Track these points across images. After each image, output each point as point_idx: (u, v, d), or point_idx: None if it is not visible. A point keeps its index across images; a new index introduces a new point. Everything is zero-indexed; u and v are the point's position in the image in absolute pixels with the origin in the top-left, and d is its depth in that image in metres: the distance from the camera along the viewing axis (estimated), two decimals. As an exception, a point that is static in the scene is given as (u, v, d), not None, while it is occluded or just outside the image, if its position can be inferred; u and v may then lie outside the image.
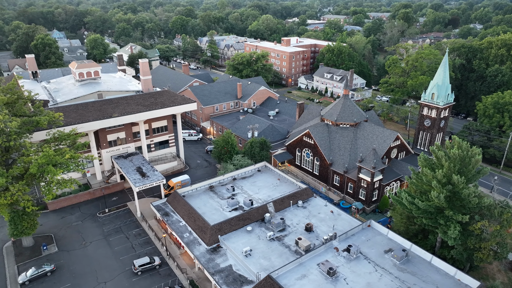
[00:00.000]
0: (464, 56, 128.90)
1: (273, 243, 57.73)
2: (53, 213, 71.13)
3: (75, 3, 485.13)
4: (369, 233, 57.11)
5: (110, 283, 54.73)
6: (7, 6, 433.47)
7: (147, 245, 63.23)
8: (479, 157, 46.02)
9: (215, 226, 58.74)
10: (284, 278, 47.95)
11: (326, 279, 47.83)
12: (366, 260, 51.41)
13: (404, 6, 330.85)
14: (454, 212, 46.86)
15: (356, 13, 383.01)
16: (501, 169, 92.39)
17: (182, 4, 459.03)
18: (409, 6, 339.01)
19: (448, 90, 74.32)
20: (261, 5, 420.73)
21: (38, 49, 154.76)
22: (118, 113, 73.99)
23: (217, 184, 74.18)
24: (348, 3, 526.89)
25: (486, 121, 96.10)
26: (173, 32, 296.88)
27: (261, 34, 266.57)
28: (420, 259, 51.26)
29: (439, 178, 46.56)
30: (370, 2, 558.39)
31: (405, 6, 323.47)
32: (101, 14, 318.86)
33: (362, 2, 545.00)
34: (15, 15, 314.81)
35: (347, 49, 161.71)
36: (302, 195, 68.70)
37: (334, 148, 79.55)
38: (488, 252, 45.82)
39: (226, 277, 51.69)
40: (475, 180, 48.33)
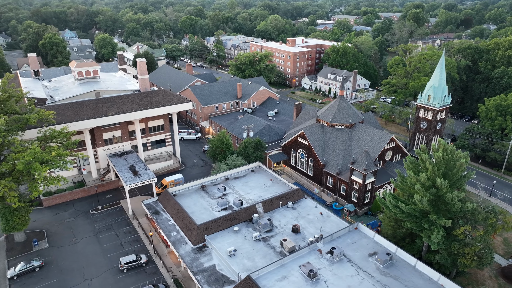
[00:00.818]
0: (469, 57, 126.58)
1: (258, 243, 57.61)
2: (47, 209, 72.36)
3: (89, 3, 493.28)
4: (356, 235, 56.49)
5: (96, 279, 55.40)
6: (24, 6, 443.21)
7: (136, 243, 63.81)
8: (463, 161, 45.06)
9: (202, 226, 58.90)
10: (264, 279, 47.80)
11: (307, 281, 47.50)
12: (349, 263, 50.87)
13: (415, 6, 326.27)
14: (438, 216, 46.03)
15: (366, 13, 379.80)
16: (502, 173, 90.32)
17: (193, 4, 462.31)
18: (421, 6, 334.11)
19: (444, 92, 73.03)
20: (271, 5, 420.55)
21: (46, 48, 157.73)
22: (112, 112, 74.86)
23: (209, 184, 74.36)
24: (359, 3, 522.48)
25: (488, 124, 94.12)
26: (182, 32, 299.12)
27: (269, 34, 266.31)
28: (405, 263, 50.48)
29: (422, 182, 45.80)
30: (383, 2, 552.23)
31: (416, 6, 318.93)
32: (112, 14, 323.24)
33: (374, 2, 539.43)
34: (29, 15, 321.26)
35: (352, 49, 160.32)
36: (292, 196, 68.35)
37: (328, 149, 78.98)
38: (472, 257, 44.83)
39: (209, 276, 51.79)
40: (460, 184, 47.35)
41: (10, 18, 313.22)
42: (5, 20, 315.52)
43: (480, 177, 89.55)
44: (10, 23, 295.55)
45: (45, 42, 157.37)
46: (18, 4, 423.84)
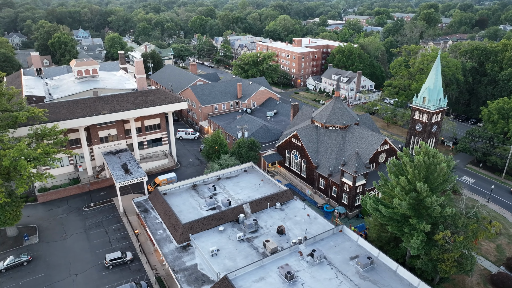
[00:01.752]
0: (476, 59, 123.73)
1: (242, 244, 57.55)
2: (42, 205, 73.84)
3: (104, 3, 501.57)
4: (339, 238, 55.90)
5: (80, 275, 56.27)
6: (41, 6, 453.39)
7: (124, 240, 64.54)
8: (444, 165, 44.02)
9: (187, 225, 59.17)
10: (241, 280, 47.76)
11: (284, 283, 47.24)
12: (329, 265, 50.37)
13: (429, 6, 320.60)
14: (418, 220, 45.17)
15: (379, 13, 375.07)
16: (503, 177, 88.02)
17: (205, 4, 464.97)
18: (435, 7, 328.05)
19: (440, 94, 71.61)
20: (283, 5, 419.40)
21: (54, 47, 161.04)
22: (107, 111, 75.89)
23: (200, 183, 74.66)
24: (373, 4, 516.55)
25: (490, 127, 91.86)
26: (192, 31, 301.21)
27: (278, 34, 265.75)
28: (386, 268, 49.69)
29: (402, 185, 45.00)
30: (398, 3, 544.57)
31: (430, 7, 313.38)
32: (124, 14, 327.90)
33: (388, 2, 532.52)
34: (44, 14, 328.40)
35: (358, 50, 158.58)
36: (281, 197, 68.06)
37: (321, 150, 78.37)
38: (451, 263, 43.80)
39: (189, 275, 52.00)
40: (442, 189, 46.31)
41: (26, 17, 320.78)
42: (22, 19, 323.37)
43: (481, 181, 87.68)
44: (25, 22, 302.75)
45: (54, 41, 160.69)
46: (36, 4, 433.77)
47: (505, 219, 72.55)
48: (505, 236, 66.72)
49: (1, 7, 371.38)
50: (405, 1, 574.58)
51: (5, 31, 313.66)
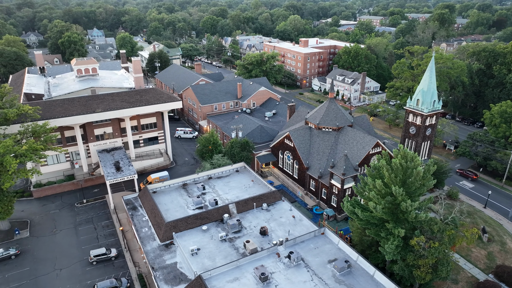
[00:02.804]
0: (484, 61, 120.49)
1: (223, 244, 57.60)
2: (36, 200, 75.62)
3: (121, 3, 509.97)
4: (320, 241, 55.36)
5: (65, 270, 57.38)
6: (60, 6, 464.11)
7: (111, 237, 65.50)
8: (420, 169, 43.01)
9: (170, 223, 59.59)
10: (216, 280, 47.86)
11: (257, 284, 47.11)
12: (306, 268, 49.96)
13: (445, 6, 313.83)
14: (394, 225, 44.35)
15: (393, 14, 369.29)
16: (503, 183, 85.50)
17: (220, 4, 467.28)
18: (451, 7, 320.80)
19: (433, 97, 70.06)
20: (297, 5, 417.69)
21: (64, 46, 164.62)
22: (101, 109, 77.14)
23: (191, 182, 75.08)
24: (389, 4, 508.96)
25: (492, 131, 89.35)
26: (203, 31, 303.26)
27: (288, 34, 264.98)
28: (363, 272, 48.93)
29: (378, 188, 44.24)
30: (415, 3, 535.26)
31: (446, 7, 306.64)
32: (137, 14, 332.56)
33: (404, 3, 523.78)
34: (61, 14, 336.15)
35: (365, 51, 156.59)
36: (268, 198, 67.81)
37: (313, 152, 77.75)
38: (426, 269, 42.77)
39: (168, 273, 52.35)
40: (420, 193, 45.30)
41: (44, 17, 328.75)
42: (39, 19, 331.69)
43: (480, 186, 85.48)
44: (42, 22, 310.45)
45: (64, 40, 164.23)
46: (55, 4, 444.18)
47: (500, 226, 70.50)
48: (497, 243, 64.86)
49: (21, 6, 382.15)
50: (423, 1, 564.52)
51: (23, 30, 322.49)
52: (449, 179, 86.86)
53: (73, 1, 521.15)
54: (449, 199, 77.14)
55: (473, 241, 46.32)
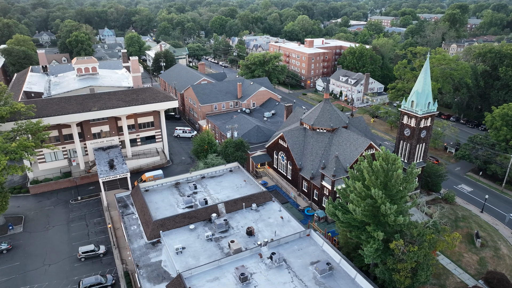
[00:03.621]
0: (489, 62, 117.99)
1: (209, 243, 57.68)
2: (33, 196, 77.08)
3: (134, 3, 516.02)
4: (305, 242, 54.98)
5: (53, 265, 58.36)
6: (75, 5, 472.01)
7: (102, 234, 66.35)
8: (400, 172, 42.35)
9: (158, 222, 59.97)
10: (196, 279, 48.00)
11: (237, 284, 47.08)
12: (287, 269, 49.69)
13: (458, 6, 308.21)
14: (374, 228, 43.83)
15: (404, 14, 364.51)
16: (503, 187, 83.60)
17: (231, 4, 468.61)
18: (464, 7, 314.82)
19: (428, 99, 68.93)
20: (307, 5, 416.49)
21: (72, 45, 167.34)
22: (97, 107, 78.19)
23: (184, 181, 75.38)
24: (402, 4, 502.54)
25: (493, 134, 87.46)
26: (212, 31, 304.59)
27: (296, 35, 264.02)
28: (345, 275, 48.41)
29: (358, 191, 43.77)
30: (429, 3, 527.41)
31: (459, 7, 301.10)
32: (148, 14, 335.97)
33: (417, 3, 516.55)
34: (74, 14, 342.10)
35: (370, 51, 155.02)
36: (258, 198, 67.65)
37: (306, 153, 77.35)
38: (405, 274, 42.11)
39: (152, 271, 52.73)
40: (401, 196, 44.60)
41: (56, 17, 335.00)
42: (52, 19, 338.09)
43: (479, 190, 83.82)
44: (54, 22, 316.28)
45: (71, 39, 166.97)
46: (69, 4, 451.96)
47: (495, 231, 68.98)
48: (491, 248, 63.48)
49: (36, 6, 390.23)
50: (437, 2, 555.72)
51: (36, 30, 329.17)
52: (448, 183, 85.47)
53: (87, 1, 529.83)
54: (444, 202, 75.86)
55: (455, 246, 45.43)
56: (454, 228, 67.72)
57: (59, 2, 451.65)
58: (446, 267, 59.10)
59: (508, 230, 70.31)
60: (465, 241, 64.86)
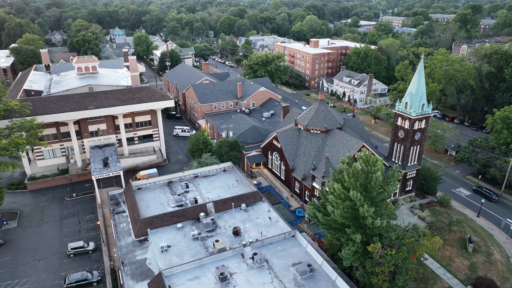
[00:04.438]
0: (495, 63, 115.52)
1: (195, 242, 57.90)
2: (30, 192, 78.55)
3: (146, 3, 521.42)
4: (289, 243, 54.75)
5: (43, 261, 59.38)
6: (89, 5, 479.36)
7: (93, 231, 67.22)
8: (379, 174, 41.73)
9: (146, 220, 60.47)
10: (176, 277, 48.26)
11: (216, 284, 47.17)
12: (268, 270, 49.57)
13: (472, 6, 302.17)
14: (353, 230, 43.37)
15: (416, 14, 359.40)
16: (502, 191, 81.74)
17: (242, 4, 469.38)
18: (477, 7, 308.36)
19: (422, 100, 67.85)
20: (317, 5, 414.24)
21: (79, 44, 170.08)
22: (93, 106, 79.30)
23: (176, 180, 75.84)
24: (415, 4, 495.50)
25: (493, 137, 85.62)
26: (220, 31, 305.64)
27: (304, 35, 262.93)
28: (326, 277, 48.03)
29: (338, 192, 43.38)
30: (443, 3, 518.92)
31: (472, 7, 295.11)
32: (158, 14, 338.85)
33: (431, 3, 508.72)
34: (86, 14, 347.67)
35: (375, 52, 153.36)
36: (248, 198, 67.62)
37: (300, 153, 77.00)
38: (383, 277, 41.53)
39: (136, 269, 53.17)
40: (381, 199, 43.99)
41: (69, 17, 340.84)
42: (65, 18, 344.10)
43: (477, 194, 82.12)
44: (67, 21, 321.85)
45: (78, 39, 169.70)
46: (83, 4, 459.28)
47: (490, 236, 67.49)
48: (483, 254, 62.14)
49: (50, 6, 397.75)
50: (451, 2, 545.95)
51: (49, 29, 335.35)
52: (446, 186, 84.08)
53: (100, 1, 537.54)
54: (440, 206, 74.59)
55: (435, 251, 44.59)
56: (447, 232, 66.59)
57: (73, 2, 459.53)
58: (435, 272, 58.09)
59: (504, 235, 68.73)
60: (457, 245, 63.70)
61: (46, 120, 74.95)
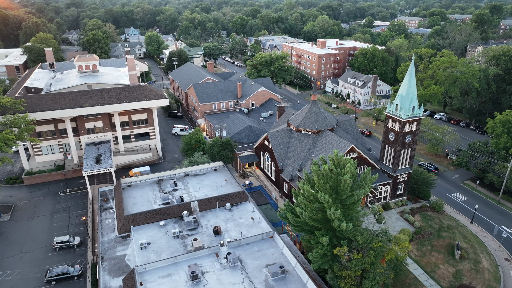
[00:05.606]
0: (503, 66, 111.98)
1: (175, 240, 58.32)
2: (26, 187, 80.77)
3: (164, 3, 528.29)
4: (266, 244, 54.48)
5: (29, 254, 60.97)
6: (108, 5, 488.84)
7: (81, 226, 68.55)
8: (347, 176, 41.01)
9: (129, 217, 61.32)
10: (148, 274, 48.73)
11: (187, 282, 47.42)
12: (241, 270, 49.49)
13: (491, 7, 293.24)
14: (322, 232, 42.88)
15: (433, 14, 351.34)
16: (500, 198, 79.17)
17: (257, 3, 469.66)
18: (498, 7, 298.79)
19: (413, 102, 66.38)
20: (332, 5, 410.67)
21: (89, 43, 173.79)
22: (88, 104, 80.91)
23: (167, 178, 76.54)
24: (434, 4, 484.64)
25: (493, 141, 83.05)
26: (233, 31, 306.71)
27: (315, 35, 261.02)
28: (298, 279, 47.57)
29: (307, 194, 42.96)
30: (464, 3, 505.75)
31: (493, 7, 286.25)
32: (172, 13, 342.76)
33: (451, 3, 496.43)
34: (102, 14, 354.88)
35: (382, 53, 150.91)
36: (234, 198, 67.68)
37: (289, 154, 76.57)
38: (350, 282, 40.84)
39: (114, 264, 54.01)
40: (351, 202, 43.25)
41: (86, 16, 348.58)
42: (82, 18, 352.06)
43: (474, 200, 79.94)
44: (83, 20, 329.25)
45: (89, 38, 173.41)
46: (103, 5, 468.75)
47: (481, 243, 65.46)
48: (471, 261, 60.36)
49: (69, 6, 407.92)
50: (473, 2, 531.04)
51: (67, 28, 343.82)
52: (442, 191, 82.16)
53: (119, 1, 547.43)
54: (432, 211, 72.88)
55: (406, 256, 43.52)
56: (435, 238, 65.01)
57: (93, 2, 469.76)
58: (418, 278, 56.75)
59: (496, 242, 66.58)
60: (444, 252, 62.10)
61: (42, 116, 76.94)
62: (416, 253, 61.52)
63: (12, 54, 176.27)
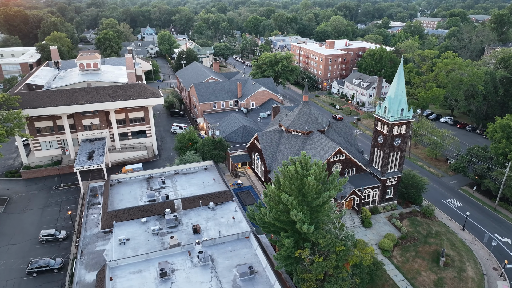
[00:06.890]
0: (511, 69, 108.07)
1: (154, 237, 58.89)
2: (23, 181, 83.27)
3: (182, 3, 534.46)
4: (240, 244, 54.42)
5: (16, 245, 62.86)
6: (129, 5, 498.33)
7: (70, 220, 70.16)
8: (311, 178, 40.41)
9: (112, 213, 62.36)
10: (120, 270, 49.47)
11: (155, 279, 47.88)
12: (211, 269, 49.61)
13: None
14: (288, 234, 42.51)
15: (453, 15, 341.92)
16: (496, 205, 76.42)
17: (274, 3, 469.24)
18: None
19: (402, 105, 64.89)
20: (349, 6, 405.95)
21: (100, 42, 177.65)
22: (84, 101, 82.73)
23: (157, 176, 77.47)
24: (456, 4, 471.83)
25: (492, 146, 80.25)
26: (246, 31, 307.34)
27: (328, 36, 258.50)
28: (266, 281, 47.28)
29: (272, 195, 42.66)
30: (489, 3, 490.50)
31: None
32: (187, 13, 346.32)
33: (473, 4, 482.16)
34: (120, 14, 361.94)
35: (390, 54, 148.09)
36: (218, 197, 67.84)
37: (278, 155, 76.17)
38: (312, 285, 40.27)
39: (92, 259, 55.02)
40: (318, 204, 42.59)
41: (104, 16, 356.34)
42: (100, 17, 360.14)
43: (469, 206, 77.53)
44: (101, 20, 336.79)
45: (100, 37, 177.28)
46: (123, 4, 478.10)
47: (470, 251, 63.35)
48: (455, 269, 58.52)
49: (90, 6, 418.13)
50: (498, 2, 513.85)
51: (86, 28, 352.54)
52: (437, 196, 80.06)
53: (139, 1, 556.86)
54: (422, 216, 71.07)
55: (370, 261, 42.52)
56: (421, 244, 63.40)
57: (113, 1, 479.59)
58: (397, 284, 55.47)
59: (487, 251, 64.29)
60: (428, 258, 60.47)
61: (38, 113, 79.16)
62: (399, 259, 60.18)
63: (28, 52, 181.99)
